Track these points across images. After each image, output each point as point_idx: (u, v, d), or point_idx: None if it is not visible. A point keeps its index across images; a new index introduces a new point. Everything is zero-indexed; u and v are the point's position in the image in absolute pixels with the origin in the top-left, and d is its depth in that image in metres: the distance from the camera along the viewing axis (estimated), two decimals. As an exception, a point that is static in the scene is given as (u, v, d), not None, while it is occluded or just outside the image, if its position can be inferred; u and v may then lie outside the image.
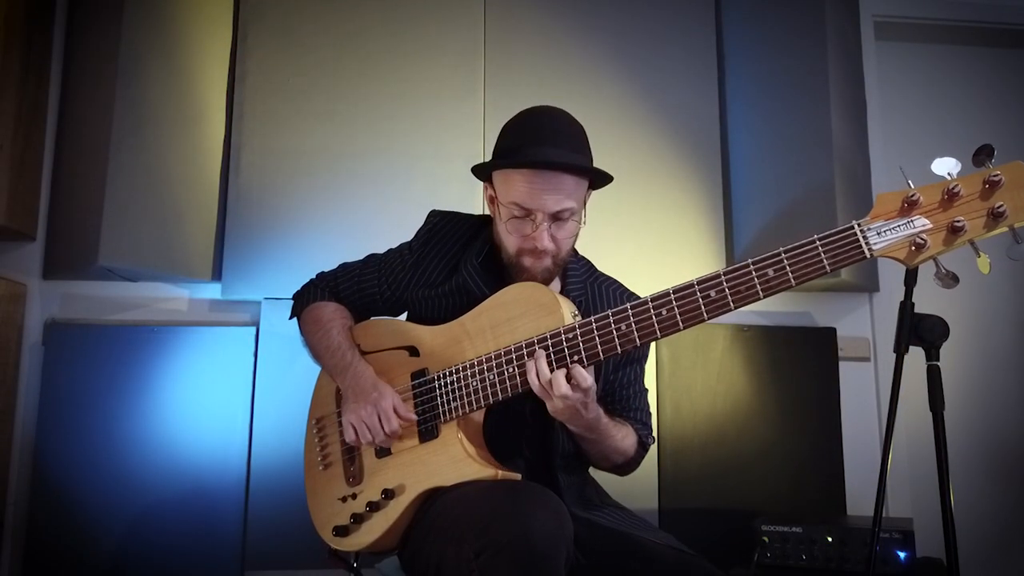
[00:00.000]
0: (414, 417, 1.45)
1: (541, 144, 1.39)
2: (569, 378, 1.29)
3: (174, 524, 2.17)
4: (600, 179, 1.46)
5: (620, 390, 1.55)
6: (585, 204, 1.47)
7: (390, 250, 1.65)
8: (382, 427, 1.43)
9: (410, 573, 1.42)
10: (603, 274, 1.61)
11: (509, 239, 1.44)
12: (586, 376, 1.28)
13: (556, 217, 1.40)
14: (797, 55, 2.45)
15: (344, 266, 1.69)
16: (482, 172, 1.49)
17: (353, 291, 1.65)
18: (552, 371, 1.29)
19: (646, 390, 1.61)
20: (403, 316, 1.64)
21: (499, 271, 1.50)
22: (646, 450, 1.55)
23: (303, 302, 1.67)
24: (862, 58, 2.62)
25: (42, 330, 2.30)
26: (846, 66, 2.48)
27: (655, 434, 2.39)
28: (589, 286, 1.56)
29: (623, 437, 1.47)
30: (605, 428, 1.42)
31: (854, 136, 2.46)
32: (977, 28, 2.89)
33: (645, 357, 1.60)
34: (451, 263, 1.54)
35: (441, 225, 1.58)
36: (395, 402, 1.45)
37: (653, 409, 2.37)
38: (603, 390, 1.52)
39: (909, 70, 2.95)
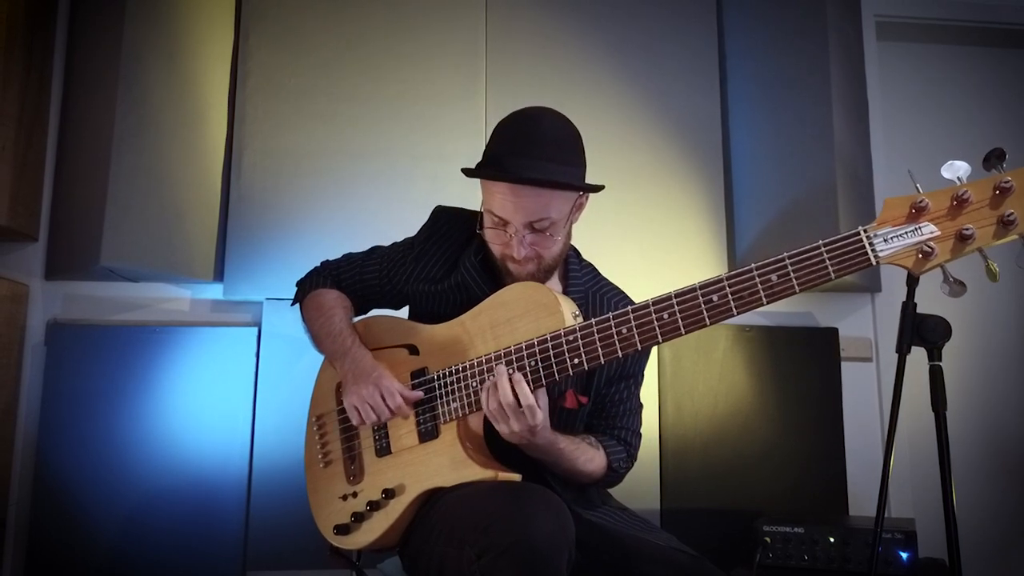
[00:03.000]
0: (419, 395, 1.44)
1: (520, 155, 1.36)
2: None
3: (176, 524, 2.17)
4: (588, 187, 1.42)
5: (610, 406, 1.52)
6: (580, 208, 1.46)
7: (395, 243, 1.66)
8: (386, 404, 1.43)
9: (412, 574, 1.42)
10: (607, 282, 1.59)
11: (492, 245, 1.45)
12: (527, 394, 1.28)
13: (532, 227, 1.38)
14: (798, 56, 2.45)
15: (348, 256, 1.70)
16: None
17: (355, 281, 1.66)
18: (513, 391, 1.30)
19: (640, 407, 1.56)
20: (404, 310, 1.64)
21: (497, 269, 1.50)
22: (618, 475, 1.51)
23: (306, 288, 1.68)
24: (864, 58, 2.61)
25: (44, 330, 2.30)
26: (847, 66, 2.48)
27: (657, 436, 2.38)
28: (591, 294, 1.54)
29: (587, 461, 1.43)
30: (561, 451, 1.39)
31: (856, 136, 2.46)
32: (978, 28, 2.88)
33: (641, 373, 1.56)
34: (451, 259, 1.54)
35: (444, 221, 1.59)
36: (397, 385, 1.44)
37: (655, 409, 2.40)
38: (593, 404, 1.51)
39: (911, 70, 2.95)
